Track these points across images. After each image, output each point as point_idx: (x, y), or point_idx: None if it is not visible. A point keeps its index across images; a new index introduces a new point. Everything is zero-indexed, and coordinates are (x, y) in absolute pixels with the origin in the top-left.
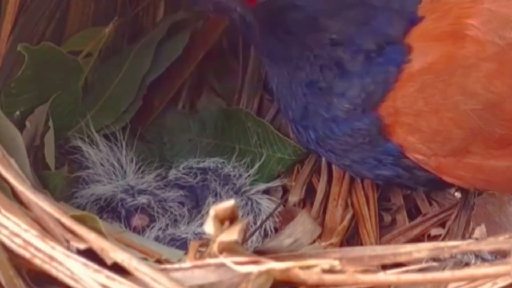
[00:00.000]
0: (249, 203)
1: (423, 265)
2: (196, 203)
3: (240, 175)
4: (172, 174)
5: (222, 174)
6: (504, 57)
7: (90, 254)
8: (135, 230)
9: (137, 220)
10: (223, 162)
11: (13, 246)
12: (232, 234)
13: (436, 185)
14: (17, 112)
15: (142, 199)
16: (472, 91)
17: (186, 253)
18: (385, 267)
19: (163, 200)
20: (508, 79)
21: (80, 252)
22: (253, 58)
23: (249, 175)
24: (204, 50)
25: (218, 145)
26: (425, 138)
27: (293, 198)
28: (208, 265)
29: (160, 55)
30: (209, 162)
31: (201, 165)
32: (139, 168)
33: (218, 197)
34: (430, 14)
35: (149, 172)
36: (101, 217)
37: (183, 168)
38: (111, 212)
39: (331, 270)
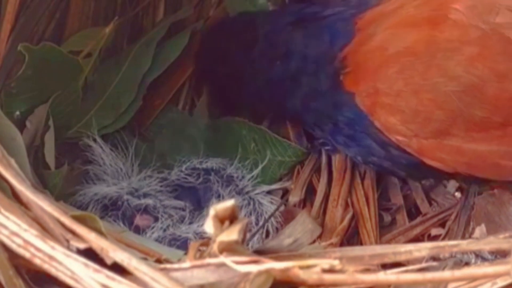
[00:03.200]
0: (251, 203)
1: (423, 264)
2: (198, 205)
3: (243, 177)
4: (175, 174)
5: (225, 175)
6: (488, 42)
7: (90, 254)
8: (138, 230)
9: (141, 220)
10: (226, 163)
11: (13, 246)
12: (232, 234)
13: (416, 169)
14: (17, 112)
15: (148, 201)
16: (453, 73)
17: (186, 253)
18: (384, 267)
19: (165, 201)
20: (490, 62)
21: (80, 252)
22: None
23: (252, 177)
24: None
25: (216, 155)
26: (405, 118)
27: (294, 198)
28: (208, 264)
29: (160, 55)
30: (212, 163)
31: (204, 165)
32: (142, 170)
33: (221, 198)
34: (412, 1)
35: (152, 173)
36: (104, 216)
37: (186, 169)
38: (116, 211)
39: (331, 270)
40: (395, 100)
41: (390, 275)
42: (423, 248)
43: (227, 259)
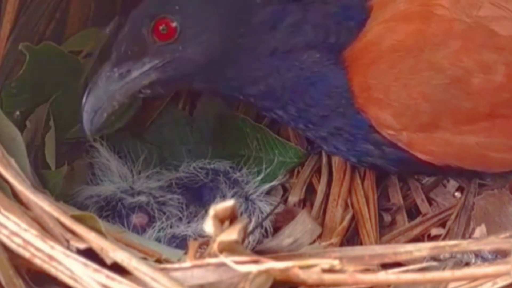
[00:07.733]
0: (250, 204)
1: (423, 264)
2: (200, 204)
3: (248, 181)
4: (182, 171)
5: (233, 178)
6: (471, 34)
7: (90, 254)
8: (135, 229)
9: (137, 218)
10: (232, 167)
11: (13, 246)
12: (232, 234)
13: (408, 165)
14: (17, 112)
15: (141, 198)
16: (440, 66)
17: (186, 253)
18: (384, 267)
19: (160, 198)
20: (474, 54)
21: (79, 252)
22: None
23: (256, 181)
24: None
25: (219, 152)
26: (395, 112)
27: (293, 198)
28: (208, 264)
29: None
30: (220, 165)
31: (212, 166)
32: (141, 170)
33: (224, 199)
34: None
35: (152, 174)
36: (100, 216)
37: (194, 168)
38: (111, 211)
39: (330, 270)
40: (386, 94)
41: (390, 275)
42: (423, 248)
43: (227, 259)
